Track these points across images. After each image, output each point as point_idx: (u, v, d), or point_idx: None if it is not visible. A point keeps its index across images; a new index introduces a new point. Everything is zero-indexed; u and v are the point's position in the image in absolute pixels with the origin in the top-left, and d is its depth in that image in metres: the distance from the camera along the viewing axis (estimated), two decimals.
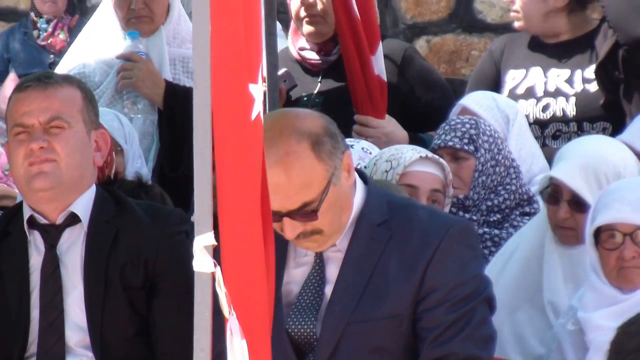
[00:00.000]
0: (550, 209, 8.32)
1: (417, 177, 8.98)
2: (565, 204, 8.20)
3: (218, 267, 5.19)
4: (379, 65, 8.89)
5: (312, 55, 9.27)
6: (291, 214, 6.41)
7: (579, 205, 8.20)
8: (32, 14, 15.59)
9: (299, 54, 9.25)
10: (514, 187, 8.34)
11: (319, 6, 9.36)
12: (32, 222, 7.45)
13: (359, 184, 7.02)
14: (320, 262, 6.85)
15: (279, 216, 6.35)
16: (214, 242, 5.30)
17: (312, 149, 6.50)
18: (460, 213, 8.37)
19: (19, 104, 7.77)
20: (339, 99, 8.68)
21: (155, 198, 7.94)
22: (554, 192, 8.15)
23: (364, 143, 8.43)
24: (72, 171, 7.55)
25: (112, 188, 8.13)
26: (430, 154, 9.21)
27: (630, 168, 8.89)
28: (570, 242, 8.08)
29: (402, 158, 8.85)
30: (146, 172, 8.96)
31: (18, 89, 8.23)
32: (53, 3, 15.39)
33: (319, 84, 8.91)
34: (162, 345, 7.29)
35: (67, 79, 8.07)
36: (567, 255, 8.17)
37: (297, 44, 9.29)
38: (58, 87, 7.82)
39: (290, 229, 6.48)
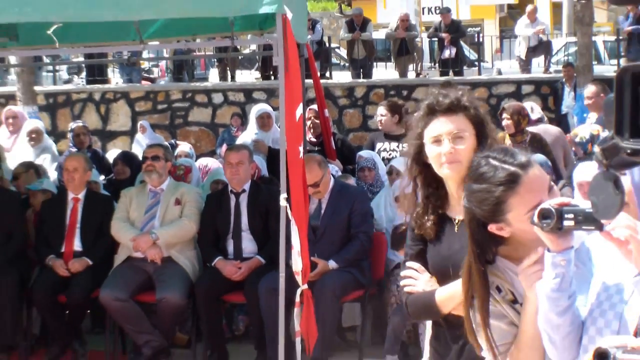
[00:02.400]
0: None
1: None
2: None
3: (288, 204, 5.77)
4: (331, 144, 8.72)
5: (313, 139, 9.05)
6: (311, 186, 6.62)
7: None
8: (230, 125, 13.59)
9: (309, 139, 8.81)
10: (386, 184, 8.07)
11: (315, 124, 8.88)
12: (230, 190, 7.29)
13: (332, 178, 7.21)
14: (319, 202, 7.04)
15: (308, 186, 6.39)
16: (286, 196, 5.83)
17: (319, 166, 6.81)
18: (370, 189, 8.17)
19: (228, 155, 7.61)
20: (324, 153, 8.34)
21: (275, 184, 7.60)
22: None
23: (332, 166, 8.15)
24: (243, 176, 7.40)
25: (255, 180, 7.71)
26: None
27: None
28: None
29: None
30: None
31: (229, 149, 8.12)
32: (236, 122, 13.53)
33: (316, 148, 8.79)
34: (271, 234, 6.97)
35: (246, 147, 7.96)
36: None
37: (308, 135, 8.78)
38: (241, 150, 7.70)
39: (311, 191, 6.63)
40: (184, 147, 10.98)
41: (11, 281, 7.14)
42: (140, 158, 8.25)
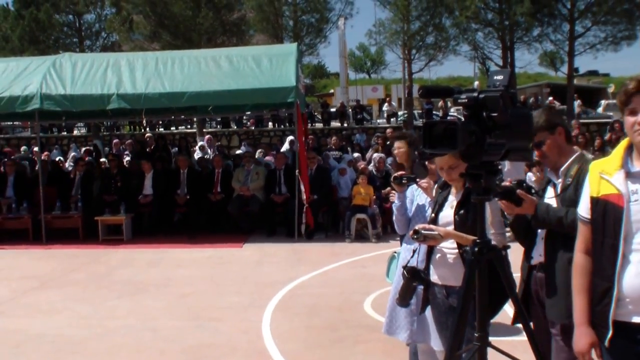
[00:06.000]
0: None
1: None
2: None
3: (300, 175, 4.86)
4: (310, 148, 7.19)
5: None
6: (311, 157, 5.72)
7: None
8: (276, 144, 10.87)
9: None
10: None
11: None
12: (276, 168, 6.35)
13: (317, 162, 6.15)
14: (312, 170, 6.06)
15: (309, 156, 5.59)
16: (298, 170, 4.95)
17: (314, 154, 5.79)
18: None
19: (277, 156, 6.63)
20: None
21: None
22: None
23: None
24: (282, 163, 6.35)
25: (287, 164, 6.55)
26: None
27: None
28: None
29: None
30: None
31: (277, 153, 7.08)
32: (279, 142, 10.97)
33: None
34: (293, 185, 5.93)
35: (284, 152, 6.79)
36: None
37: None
38: (281, 153, 6.75)
39: (312, 156, 5.76)
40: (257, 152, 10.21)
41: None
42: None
